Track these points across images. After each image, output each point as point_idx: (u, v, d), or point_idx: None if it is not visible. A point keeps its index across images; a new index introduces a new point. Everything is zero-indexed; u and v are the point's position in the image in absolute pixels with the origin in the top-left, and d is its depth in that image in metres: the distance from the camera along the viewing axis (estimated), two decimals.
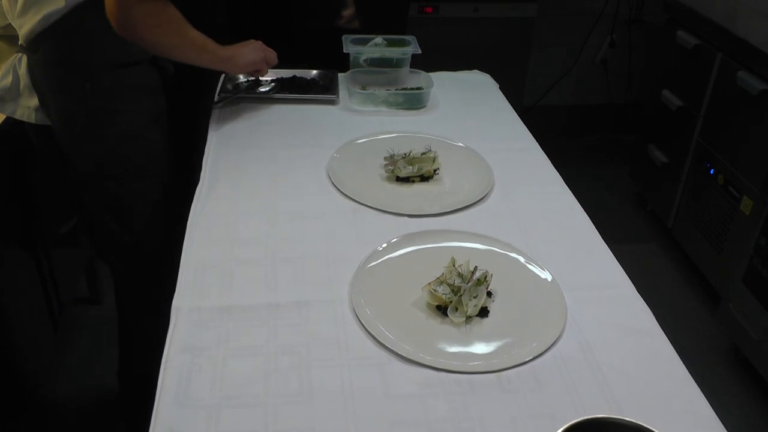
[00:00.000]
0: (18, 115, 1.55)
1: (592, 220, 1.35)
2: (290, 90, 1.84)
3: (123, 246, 1.65)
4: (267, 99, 1.80)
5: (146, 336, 1.72)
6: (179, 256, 1.20)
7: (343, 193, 1.38)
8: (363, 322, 1.05)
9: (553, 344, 1.03)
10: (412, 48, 1.90)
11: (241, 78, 1.89)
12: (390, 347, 1.00)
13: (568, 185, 1.47)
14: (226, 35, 2.56)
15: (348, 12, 2.21)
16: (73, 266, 2.29)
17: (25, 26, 1.44)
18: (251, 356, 0.99)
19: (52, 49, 1.45)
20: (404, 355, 0.99)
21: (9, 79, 1.52)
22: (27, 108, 1.54)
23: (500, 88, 1.97)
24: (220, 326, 1.04)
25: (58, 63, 1.47)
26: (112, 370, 1.91)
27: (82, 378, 2.17)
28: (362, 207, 1.34)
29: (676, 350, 1.04)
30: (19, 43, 1.50)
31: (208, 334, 1.03)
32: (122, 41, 1.50)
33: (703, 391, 0.97)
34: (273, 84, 1.86)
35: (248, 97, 1.79)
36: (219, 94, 1.79)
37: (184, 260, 1.18)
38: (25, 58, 1.50)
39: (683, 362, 1.01)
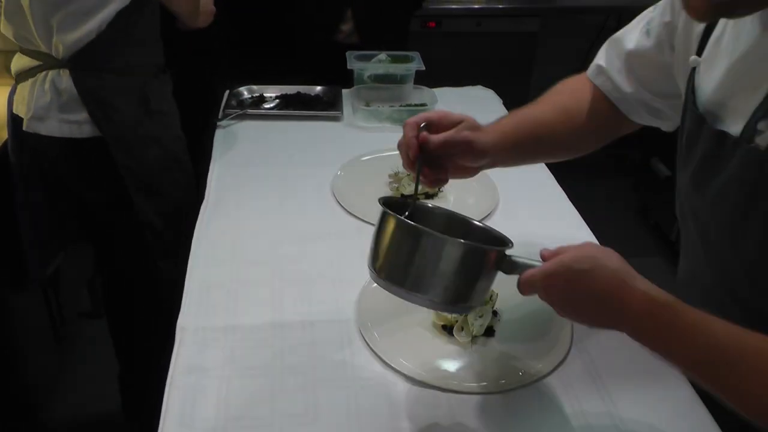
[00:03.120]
0: (60, 133, 1.51)
1: (595, 234, 1.35)
2: (294, 106, 1.85)
3: (173, 250, 1.66)
4: (271, 116, 1.80)
5: (148, 352, 1.72)
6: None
7: (347, 211, 1.38)
8: (369, 342, 1.04)
9: (559, 364, 1.02)
10: (416, 64, 1.91)
11: (245, 95, 1.90)
12: (396, 367, 1.00)
13: (571, 199, 1.47)
14: (228, 49, 2.57)
15: (347, 27, 2.22)
16: (76, 280, 2.30)
17: (72, 36, 1.42)
18: (257, 376, 0.99)
19: (102, 57, 1.45)
20: (410, 374, 0.99)
21: (47, 97, 1.48)
22: (74, 123, 1.50)
23: (503, 102, 1.97)
24: (225, 346, 1.04)
25: (110, 69, 1.47)
26: (115, 386, 1.91)
27: (84, 392, 2.16)
28: (367, 225, 1.34)
29: None
30: (53, 58, 1.47)
31: (213, 354, 1.03)
32: (155, 44, 1.57)
33: (709, 409, 0.96)
34: (277, 100, 1.87)
35: (252, 114, 1.79)
36: (223, 111, 1.79)
37: (188, 279, 1.18)
38: (66, 73, 1.46)
39: (689, 381, 1.01)
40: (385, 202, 0.88)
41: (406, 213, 0.91)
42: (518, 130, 1.06)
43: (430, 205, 1.00)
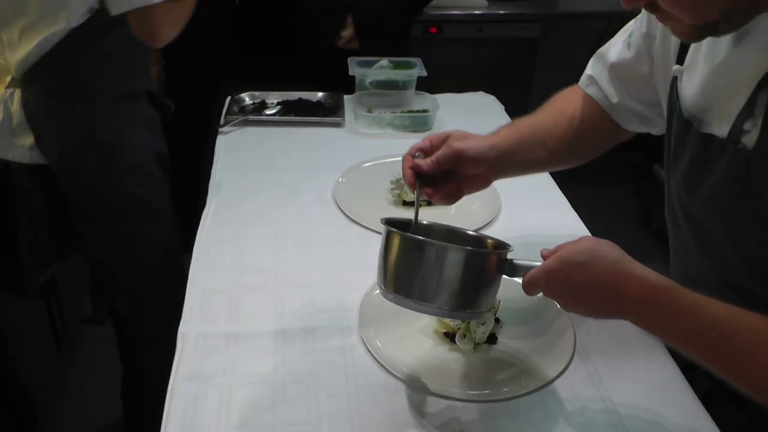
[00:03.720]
0: (10, 156, 1.42)
1: None
2: (296, 112, 1.84)
3: (130, 291, 1.62)
4: (273, 122, 1.80)
5: (150, 362, 1.71)
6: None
7: (349, 217, 1.38)
8: (371, 350, 1.04)
9: (562, 371, 1.02)
10: (418, 70, 1.91)
11: (247, 100, 1.90)
12: (398, 375, 1.00)
13: (573, 205, 1.47)
14: (228, 49, 2.57)
15: (348, 32, 2.22)
16: (77, 286, 2.30)
17: (18, 54, 1.33)
18: (258, 384, 0.99)
19: (52, 79, 1.36)
20: (412, 382, 0.98)
21: (0, 117, 1.40)
22: (21, 147, 1.41)
23: (505, 108, 1.97)
24: (227, 353, 1.04)
25: (59, 94, 1.38)
26: (116, 392, 1.90)
27: (85, 399, 2.15)
28: (369, 232, 1.34)
29: (684, 375, 1.03)
30: (12, 76, 1.39)
31: (215, 362, 1.02)
32: (125, 69, 1.44)
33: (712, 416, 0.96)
34: (279, 107, 1.87)
35: (254, 120, 1.79)
36: (225, 117, 1.79)
37: (190, 286, 1.18)
38: (18, 93, 1.38)
39: (692, 387, 1.01)
40: (387, 221, 0.91)
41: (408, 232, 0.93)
42: (516, 135, 1.09)
43: (426, 222, 1.00)
